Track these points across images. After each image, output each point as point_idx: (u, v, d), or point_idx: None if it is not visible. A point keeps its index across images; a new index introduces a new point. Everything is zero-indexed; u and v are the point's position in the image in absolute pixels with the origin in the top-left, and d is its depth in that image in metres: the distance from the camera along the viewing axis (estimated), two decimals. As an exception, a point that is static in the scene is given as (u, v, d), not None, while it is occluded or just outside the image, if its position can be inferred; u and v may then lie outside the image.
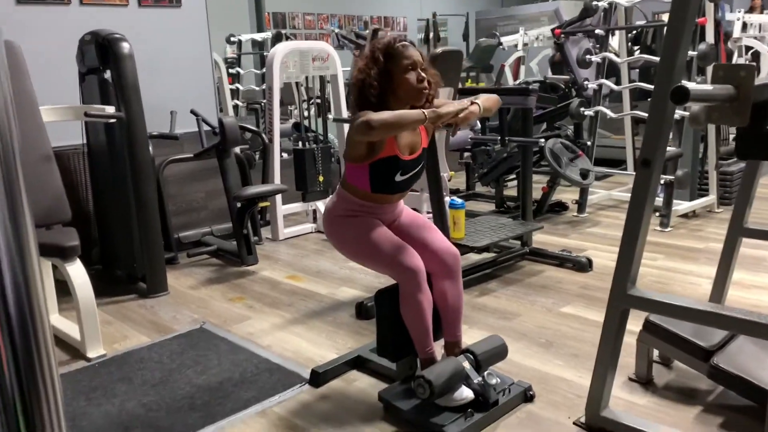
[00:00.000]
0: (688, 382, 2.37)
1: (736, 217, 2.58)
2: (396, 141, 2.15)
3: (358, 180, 2.20)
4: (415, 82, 2.11)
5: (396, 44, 2.14)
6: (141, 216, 3.47)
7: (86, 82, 3.68)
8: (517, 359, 2.59)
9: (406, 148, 2.19)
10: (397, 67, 2.11)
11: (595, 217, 4.85)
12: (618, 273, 1.97)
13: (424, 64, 2.15)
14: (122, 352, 2.84)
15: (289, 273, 3.85)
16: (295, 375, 2.55)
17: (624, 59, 5.06)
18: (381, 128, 1.98)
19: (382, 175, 2.16)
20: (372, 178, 2.16)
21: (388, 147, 2.13)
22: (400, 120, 2.01)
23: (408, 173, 2.21)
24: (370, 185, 2.18)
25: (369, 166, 2.15)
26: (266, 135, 4.54)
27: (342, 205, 2.25)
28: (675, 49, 1.60)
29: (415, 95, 2.12)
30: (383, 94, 2.12)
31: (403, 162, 2.17)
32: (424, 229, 2.34)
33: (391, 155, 2.14)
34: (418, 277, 2.14)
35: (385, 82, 2.11)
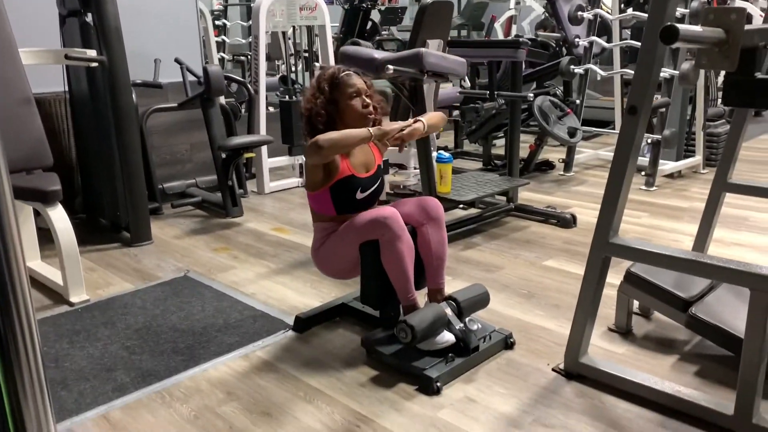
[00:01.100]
0: (666, 333, 2.41)
1: (721, 172, 2.59)
2: (349, 161, 2.27)
3: (322, 207, 2.30)
4: (360, 107, 2.24)
5: (340, 74, 2.27)
6: (124, 163, 3.43)
7: (67, 26, 3.58)
8: (499, 309, 2.62)
9: (361, 167, 2.30)
10: (342, 95, 2.24)
11: (582, 176, 4.87)
12: (601, 221, 1.98)
13: (368, 90, 2.29)
14: (105, 297, 2.83)
15: (274, 225, 3.84)
16: (279, 321, 2.57)
17: (616, 16, 5.01)
18: (329, 147, 2.09)
19: (343, 196, 2.27)
20: (335, 201, 2.27)
21: (342, 168, 2.24)
22: (347, 137, 2.12)
23: (368, 190, 2.32)
24: (335, 208, 2.28)
25: (329, 190, 2.25)
26: (252, 86, 4.48)
27: (318, 235, 2.35)
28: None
29: (360, 120, 2.24)
30: (330, 121, 2.24)
31: (360, 180, 2.28)
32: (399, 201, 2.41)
33: (348, 175, 2.25)
34: (394, 225, 2.15)
35: (331, 110, 2.25)
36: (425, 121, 2.29)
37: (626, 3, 6.17)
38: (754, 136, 6.18)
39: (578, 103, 5.01)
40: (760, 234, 3.50)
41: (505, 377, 2.14)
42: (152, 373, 2.20)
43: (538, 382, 2.11)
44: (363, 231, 2.20)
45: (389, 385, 2.11)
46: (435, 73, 2.96)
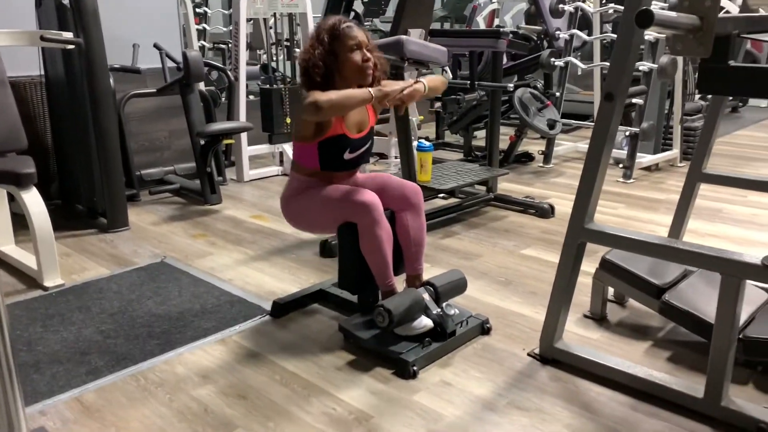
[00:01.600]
0: (640, 319, 2.44)
1: (696, 163, 2.63)
2: (344, 120, 2.20)
3: (307, 159, 2.25)
4: (360, 61, 2.16)
5: (341, 25, 2.18)
6: (101, 148, 3.39)
7: (43, 7, 3.52)
8: (477, 296, 2.64)
9: (354, 127, 2.24)
10: (342, 47, 2.16)
11: (560, 168, 4.90)
12: (576, 207, 2.00)
13: (369, 45, 2.21)
14: (80, 282, 2.80)
15: (253, 213, 3.82)
16: (256, 307, 2.56)
17: (596, 9, 5.04)
18: (329, 108, 2.02)
19: (331, 153, 2.22)
20: (321, 157, 2.22)
21: (335, 126, 2.18)
22: (347, 99, 2.06)
23: (356, 151, 2.27)
24: (320, 163, 2.24)
25: (317, 145, 2.20)
26: (232, 73, 4.44)
27: (293, 185, 2.30)
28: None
29: (360, 74, 2.17)
30: (329, 74, 2.16)
31: (351, 140, 2.23)
32: (381, 178, 2.39)
33: (339, 134, 2.19)
34: (373, 211, 2.15)
35: (330, 62, 2.16)
36: (426, 83, 2.22)
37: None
38: (730, 132, 6.26)
39: (558, 96, 5.05)
40: (734, 225, 3.55)
41: (481, 362, 2.15)
42: (127, 356, 2.19)
43: (514, 366, 2.12)
44: (341, 209, 2.19)
45: (366, 369, 2.11)
46: (416, 61, 2.96)
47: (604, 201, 3.87)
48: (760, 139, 6.03)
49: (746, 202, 3.93)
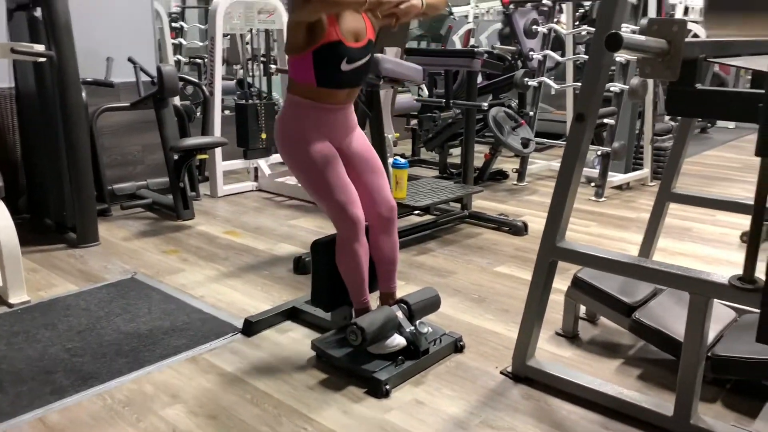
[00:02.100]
0: (611, 338, 2.46)
1: (665, 183, 2.67)
2: (338, 25, 2.03)
3: (302, 74, 2.08)
4: None
5: None
6: (72, 162, 3.34)
7: (14, 20, 3.48)
8: (450, 313, 2.64)
9: (349, 34, 2.07)
10: None
11: (534, 186, 4.95)
12: (548, 226, 2.01)
13: None
14: (48, 299, 2.74)
15: (226, 228, 3.78)
16: (228, 325, 2.53)
17: (569, 31, 5.13)
18: (318, 1, 1.87)
19: (327, 63, 2.04)
20: (317, 68, 2.05)
21: (329, 31, 2.01)
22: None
23: (354, 62, 2.09)
24: (315, 77, 2.06)
25: (312, 54, 2.03)
26: (207, 88, 4.42)
27: (291, 111, 2.14)
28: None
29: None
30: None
31: (348, 48, 2.05)
32: (372, 171, 2.27)
33: (334, 40, 2.02)
34: (358, 229, 2.14)
35: None
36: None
37: (580, 19, 6.35)
38: (699, 152, 6.39)
39: (532, 115, 5.11)
40: (703, 244, 3.61)
41: (454, 380, 2.15)
42: (94, 375, 2.14)
43: (487, 384, 2.12)
44: (329, 201, 2.12)
45: (338, 387, 2.09)
46: (391, 79, 2.98)
47: (576, 219, 3.92)
48: (728, 159, 6.16)
49: (715, 221, 4.00)
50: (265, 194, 4.62)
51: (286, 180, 4.60)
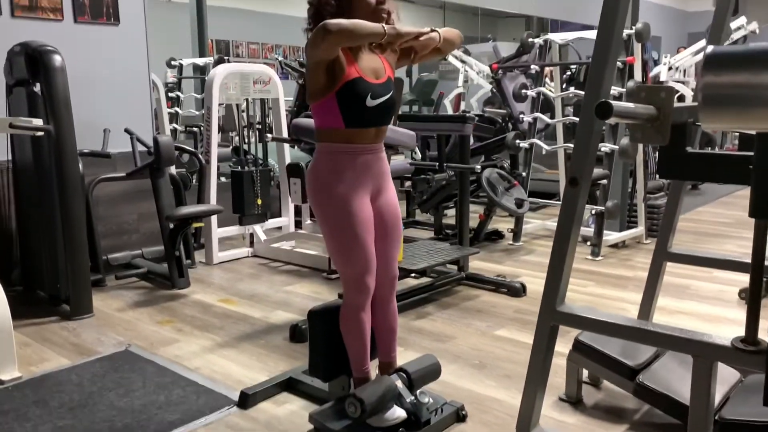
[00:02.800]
0: (616, 402, 2.41)
1: (661, 242, 2.67)
2: (356, 63, 2.03)
3: (329, 119, 2.04)
4: (375, 4, 2.03)
5: None
6: (67, 234, 3.33)
7: (13, 95, 3.54)
8: (451, 380, 2.59)
9: (369, 72, 2.06)
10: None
11: (530, 246, 4.96)
12: (547, 290, 2.00)
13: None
14: (39, 374, 2.68)
15: (221, 296, 3.75)
16: (223, 397, 2.47)
17: (558, 94, 5.25)
18: (337, 33, 1.86)
19: (352, 101, 2.01)
20: (342, 108, 2.01)
21: (349, 70, 2.00)
22: (358, 26, 1.91)
23: (379, 98, 2.05)
24: (343, 118, 2.02)
25: (336, 95, 2.00)
26: (203, 156, 4.47)
27: (322, 160, 2.09)
28: (603, 64, 1.67)
29: (374, 17, 2.02)
30: (340, 14, 2.00)
31: (370, 84, 2.03)
32: (391, 241, 2.22)
33: (355, 77, 2.01)
34: (368, 298, 2.13)
35: (342, 2, 2.02)
36: (441, 33, 2.08)
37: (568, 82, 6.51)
38: (692, 209, 6.45)
39: (524, 176, 5.16)
40: (702, 302, 3.59)
41: (456, 451, 2.09)
42: (85, 455, 2.07)
43: (491, 455, 2.06)
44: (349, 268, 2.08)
45: (338, 462, 2.03)
46: (385, 144, 3.01)
47: (574, 279, 3.86)
48: (721, 215, 6.21)
49: (712, 279, 3.99)
50: (261, 260, 4.60)
51: (282, 245, 4.60)
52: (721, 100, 1.26)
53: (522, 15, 11.17)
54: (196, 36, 7.84)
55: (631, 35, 4.56)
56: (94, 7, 4.19)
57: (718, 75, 1.27)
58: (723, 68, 1.27)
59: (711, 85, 1.28)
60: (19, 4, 3.86)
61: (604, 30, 1.68)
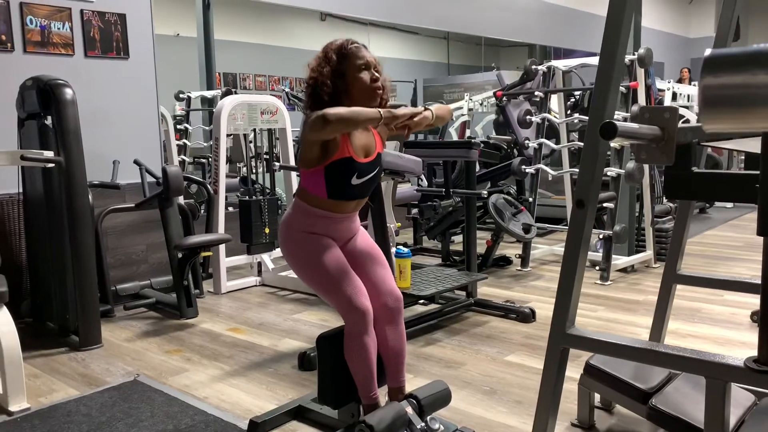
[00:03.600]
0: (628, 427, 2.38)
1: (670, 265, 2.66)
2: (350, 142, 2.11)
3: (313, 186, 2.14)
4: (369, 81, 2.11)
5: (349, 45, 2.15)
6: (77, 265, 3.35)
7: (25, 128, 3.60)
8: (462, 407, 2.56)
9: (360, 151, 2.15)
10: (350, 66, 2.11)
11: (538, 271, 4.94)
12: (557, 313, 1.99)
13: (377, 66, 2.17)
14: (48, 405, 2.67)
15: (230, 325, 3.74)
16: (233, 426, 2.45)
17: (562, 120, 5.28)
18: (336, 122, 1.94)
19: (338, 178, 2.11)
20: (328, 183, 2.11)
21: (342, 148, 2.09)
22: (356, 115, 1.98)
23: (364, 177, 2.16)
24: (326, 190, 2.12)
25: (324, 169, 2.09)
26: (212, 186, 4.50)
27: (298, 217, 2.18)
28: (606, 85, 1.69)
29: (369, 95, 2.11)
30: (336, 93, 2.10)
31: (359, 164, 2.12)
32: (375, 263, 2.29)
33: (346, 157, 2.09)
34: (367, 319, 2.12)
35: (338, 82, 2.10)
36: (434, 111, 2.18)
37: (572, 108, 6.55)
38: (700, 232, 6.42)
39: (531, 201, 5.17)
40: (713, 325, 3.56)
41: (469, 478, 2.06)
42: (94, 486, 2.05)
43: (503, 482, 2.03)
44: (337, 295, 2.11)
45: (348, 491, 2.00)
46: (392, 171, 3.04)
47: (583, 304, 3.87)
48: (729, 238, 6.18)
49: (723, 302, 3.96)
50: (269, 288, 4.60)
51: (290, 274, 4.60)
52: (721, 101, 1.27)
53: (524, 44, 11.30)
54: (204, 69, 7.97)
55: (634, 60, 4.60)
56: (104, 41, 4.27)
57: (717, 76, 1.28)
58: (721, 69, 1.28)
59: (710, 87, 1.29)
60: (31, 39, 3.94)
61: (607, 50, 1.70)
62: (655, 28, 11.62)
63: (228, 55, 9.65)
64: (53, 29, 4.04)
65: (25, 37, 3.93)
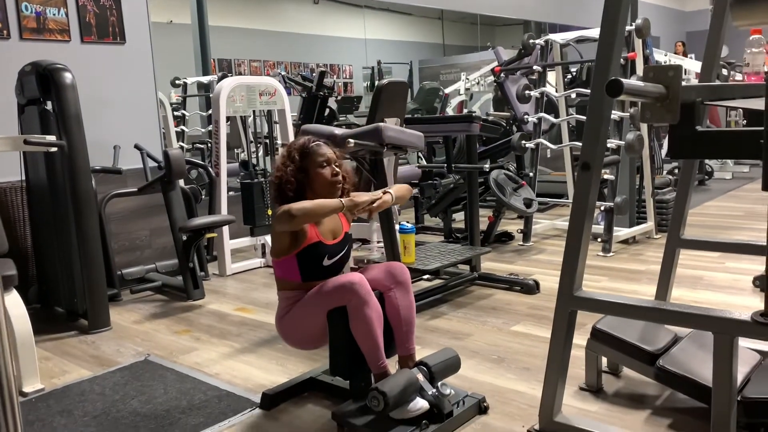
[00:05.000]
0: (636, 389, 2.41)
1: (673, 230, 2.69)
2: (317, 228, 2.28)
3: (288, 273, 2.29)
4: (329, 176, 2.27)
5: (310, 144, 2.31)
6: (83, 248, 3.36)
7: (25, 114, 3.59)
8: (471, 375, 2.59)
9: (329, 234, 2.31)
10: (312, 163, 2.27)
11: (540, 246, 4.97)
12: (564, 276, 2.02)
13: (337, 161, 2.33)
14: (61, 386, 2.70)
15: (237, 305, 3.77)
16: (245, 400, 2.48)
17: (561, 93, 5.28)
18: (301, 216, 2.10)
19: (310, 262, 2.26)
20: (301, 268, 2.26)
21: (310, 234, 2.25)
22: (319, 208, 2.15)
23: (335, 257, 2.31)
24: (301, 275, 2.27)
25: (296, 257, 2.25)
26: (213, 169, 4.51)
27: (284, 304, 2.33)
28: (610, 44, 1.70)
29: (330, 188, 2.27)
30: (300, 189, 2.26)
31: (328, 247, 2.29)
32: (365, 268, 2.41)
33: (315, 242, 2.25)
34: (360, 290, 2.15)
35: (301, 178, 2.26)
36: (393, 193, 2.36)
37: (569, 84, 6.55)
38: (700, 203, 6.45)
39: (531, 176, 5.18)
40: (716, 291, 3.59)
41: (481, 442, 2.09)
42: (112, 460, 2.08)
43: (515, 444, 2.07)
44: (329, 298, 2.18)
45: (363, 456, 2.03)
46: (394, 146, 3.04)
47: (586, 275, 3.86)
48: (729, 208, 6.21)
49: (725, 269, 3.99)
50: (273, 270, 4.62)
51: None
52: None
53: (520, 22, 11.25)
54: (199, 55, 7.94)
55: (632, 31, 4.59)
56: (100, 27, 4.25)
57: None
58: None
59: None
60: (27, 26, 3.92)
61: (610, 8, 1.71)
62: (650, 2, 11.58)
63: (222, 41, 9.59)
64: (49, 15, 4.02)
65: (21, 23, 3.91)
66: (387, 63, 11.28)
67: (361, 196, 2.29)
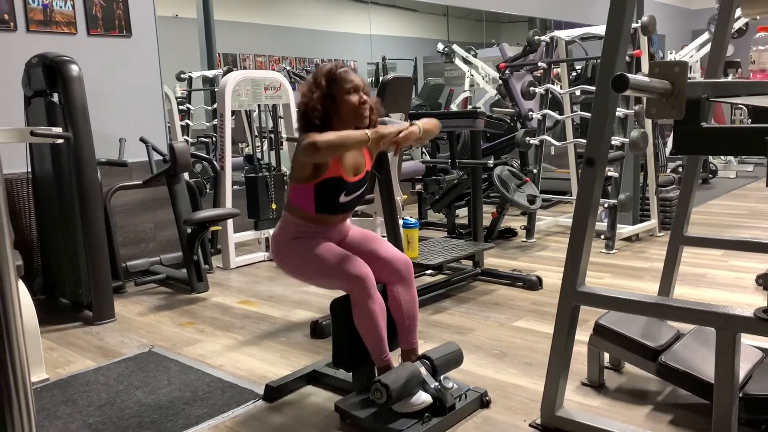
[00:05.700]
0: (638, 385, 2.42)
1: (677, 227, 2.69)
2: (341, 162, 2.20)
3: (302, 201, 2.24)
4: (357, 103, 2.19)
5: (337, 70, 2.23)
6: (88, 240, 3.38)
7: (32, 106, 3.61)
8: (473, 369, 2.61)
9: (350, 170, 2.25)
10: (339, 90, 2.19)
11: (543, 242, 4.97)
12: (567, 271, 2.02)
13: (365, 88, 2.25)
14: (66, 376, 2.72)
15: (241, 298, 3.78)
16: (249, 392, 2.50)
17: (566, 90, 5.28)
18: (326, 149, 2.03)
19: (327, 195, 2.22)
20: (317, 199, 2.22)
21: (333, 168, 2.18)
22: (345, 140, 2.07)
23: (351, 195, 2.27)
24: (315, 206, 2.23)
25: (314, 186, 2.20)
26: (218, 163, 4.52)
27: (288, 229, 2.28)
28: (617, 38, 1.70)
29: (357, 117, 2.20)
30: (326, 117, 2.19)
31: (348, 183, 2.23)
32: (372, 241, 2.38)
33: (336, 176, 2.19)
34: (367, 284, 2.15)
35: (328, 105, 2.19)
36: (420, 125, 2.24)
37: (574, 80, 6.54)
38: (704, 202, 6.44)
39: (535, 173, 5.18)
40: (719, 289, 3.59)
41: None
42: (116, 449, 2.10)
43: (517, 438, 2.08)
44: (335, 277, 2.18)
45: (366, 448, 2.05)
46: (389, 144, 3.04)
47: (589, 271, 3.87)
48: (732, 207, 6.20)
49: (728, 267, 3.99)
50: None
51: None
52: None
53: (525, 19, 11.22)
54: (204, 50, 7.94)
55: (638, 28, 4.59)
56: (107, 20, 4.26)
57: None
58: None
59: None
60: (33, 18, 3.94)
61: (616, 5, 1.71)
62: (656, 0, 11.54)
63: (227, 36, 9.58)
64: (55, 7, 4.03)
65: (28, 15, 3.92)
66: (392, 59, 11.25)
67: (388, 127, 2.19)
